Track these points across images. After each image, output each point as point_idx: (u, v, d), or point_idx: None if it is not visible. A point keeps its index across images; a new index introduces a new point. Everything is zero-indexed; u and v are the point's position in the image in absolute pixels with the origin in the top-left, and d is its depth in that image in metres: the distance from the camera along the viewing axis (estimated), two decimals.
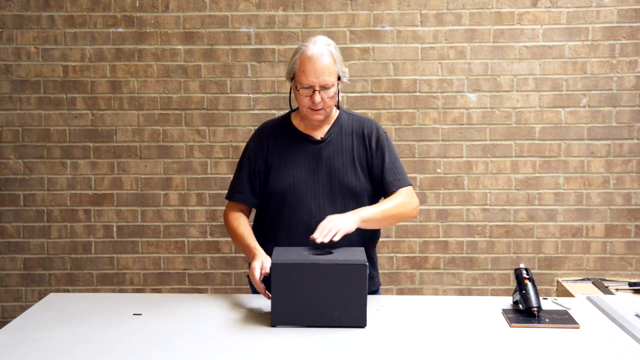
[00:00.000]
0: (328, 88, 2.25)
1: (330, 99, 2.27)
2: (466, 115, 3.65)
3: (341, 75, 2.30)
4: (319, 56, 2.23)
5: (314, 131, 2.37)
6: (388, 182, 2.34)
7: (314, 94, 2.24)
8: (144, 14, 3.63)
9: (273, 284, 1.98)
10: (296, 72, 2.26)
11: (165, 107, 3.68)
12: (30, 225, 3.72)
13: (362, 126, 2.39)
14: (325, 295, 1.97)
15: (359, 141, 2.37)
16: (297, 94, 2.28)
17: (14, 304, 3.76)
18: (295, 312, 1.98)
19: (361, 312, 1.98)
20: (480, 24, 3.61)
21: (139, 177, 3.71)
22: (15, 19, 3.63)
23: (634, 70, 3.60)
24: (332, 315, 1.97)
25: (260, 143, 2.40)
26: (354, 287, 1.97)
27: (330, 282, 1.96)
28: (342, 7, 3.62)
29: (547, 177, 3.66)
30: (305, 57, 2.24)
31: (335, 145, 2.35)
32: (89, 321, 2.06)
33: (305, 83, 2.23)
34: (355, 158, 2.34)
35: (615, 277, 3.59)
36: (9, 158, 3.70)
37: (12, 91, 3.67)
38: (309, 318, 1.98)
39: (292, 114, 2.44)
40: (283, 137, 2.39)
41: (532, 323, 2.03)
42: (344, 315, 1.97)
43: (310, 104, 2.26)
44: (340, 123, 2.39)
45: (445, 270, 3.71)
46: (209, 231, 3.72)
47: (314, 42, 2.26)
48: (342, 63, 2.31)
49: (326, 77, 2.23)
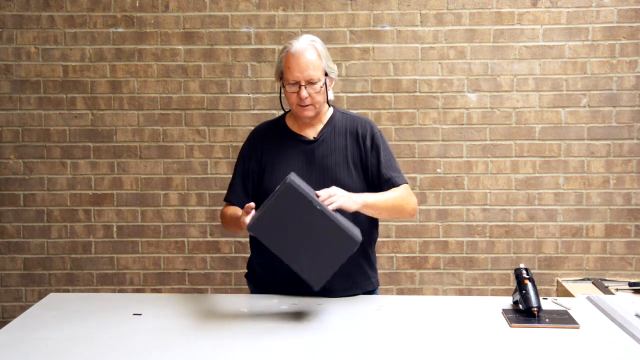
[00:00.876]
0: (314, 83, 2.26)
1: (317, 94, 2.28)
2: (466, 115, 3.65)
3: (328, 71, 2.31)
4: (303, 51, 2.26)
5: (307, 131, 2.38)
6: (385, 179, 2.34)
7: (300, 89, 2.25)
8: (144, 14, 3.63)
9: (277, 198, 1.94)
10: (283, 70, 2.29)
11: (165, 107, 3.68)
12: (30, 225, 3.72)
13: (356, 125, 2.39)
14: (307, 241, 1.95)
15: (352, 140, 2.37)
16: (286, 92, 2.31)
17: (14, 304, 3.76)
18: (273, 233, 1.96)
19: (323, 276, 1.96)
20: (480, 24, 3.61)
21: (139, 177, 3.71)
22: (15, 19, 3.63)
23: (634, 70, 3.60)
24: (299, 260, 1.96)
25: (254, 145, 2.42)
26: (335, 253, 1.95)
27: (320, 235, 1.94)
28: (342, 7, 3.62)
29: (547, 177, 3.66)
30: (289, 54, 2.27)
31: (328, 144, 2.35)
32: (89, 321, 2.06)
33: (291, 79, 2.26)
34: (349, 157, 2.34)
35: (615, 277, 3.59)
36: (9, 158, 3.70)
37: (12, 91, 3.67)
38: (279, 248, 1.96)
39: (287, 115, 2.46)
40: (276, 138, 2.40)
41: (532, 323, 2.03)
42: (309, 268, 1.96)
43: (298, 100, 2.28)
44: (333, 122, 2.39)
45: (445, 270, 3.71)
46: (209, 231, 3.72)
47: (298, 39, 2.30)
48: (329, 59, 2.32)
49: (310, 72, 2.25)
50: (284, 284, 2.33)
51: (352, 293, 2.36)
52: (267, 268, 2.38)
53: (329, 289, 2.30)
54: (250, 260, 2.51)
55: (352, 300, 2.30)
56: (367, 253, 2.40)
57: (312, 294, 2.29)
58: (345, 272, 2.31)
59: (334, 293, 2.32)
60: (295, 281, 2.23)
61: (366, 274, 2.41)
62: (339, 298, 2.31)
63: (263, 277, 2.42)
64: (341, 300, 2.29)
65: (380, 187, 2.37)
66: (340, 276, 2.31)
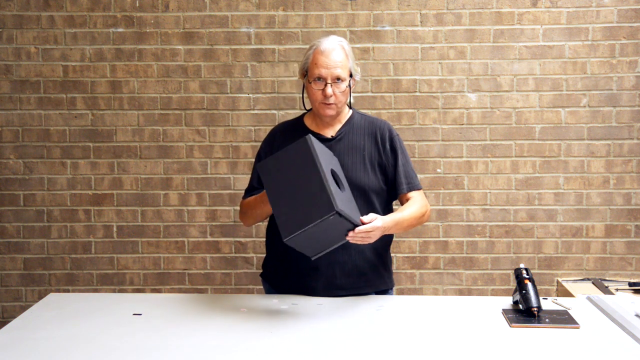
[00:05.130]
0: (340, 82, 2.28)
1: (341, 94, 2.30)
2: (466, 115, 3.65)
3: (353, 73, 2.34)
4: (332, 50, 2.29)
5: (325, 130, 2.40)
6: (399, 183, 2.38)
7: (326, 86, 2.27)
8: (144, 14, 3.63)
9: (290, 147, 2.05)
10: (309, 66, 2.31)
11: (165, 107, 3.68)
12: (30, 225, 3.72)
13: (375, 127, 2.41)
14: (296, 193, 1.99)
15: (371, 142, 2.38)
16: (310, 88, 2.32)
17: (14, 304, 3.76)
18: (274, 175, 2.04)
19: (293, 229, 1.94)
20: (480, 24, 3.61)
21: (139, 177, 3.71)
22: (15, 19, 3.63)
23: (634, 70, 3.60)
24: (282, 205, 1.99)
25: (272, 144, 2.44)
26: (313, 212, 1.95)
27: (309, 191, 1.97)
28: (342, 7, 3.62)
29: (547, 177, 3.66)
30: (318, 51, 2.29)
31: (346, 143, 2.37)
32: (89, 321, 2.06)
33: (318, 75, 2.28)
34: (366, 157, 2.36)
35: (615, 277, 3.59)
36: (9, 158, 3.70)
37: (12, 91, 3.67)
38: (272, 189, 2.03)
39: (305, 115, 2.47)
40: (295, 136, 2.40)
41: (532, 323, 2.03)
42: (286, 216, 1.97)
43: (322, 98, 2.29)
44: (352, 123, 2.42)
45: (445, 270, 3.71)
46: (209, 231, 3.72)
47: (326, 38, 2.34)
48: (354, 61, 2.36)
49: (338, 70, 2.28)
50: (299, 282, 2.34)
51: (364, 292, 2.38)
52: (280, 266, 2.40)
53: (342, 286, 2.33)
54: (265, 259, 2.53)
55: (352, 300, 2.30)
56: (380, 253, 2.42)
57: (325, 293, 2.31)
58: (359, 271, 2.34)
59: (347, 290, 2.34)
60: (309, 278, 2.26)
61: (379, 273, 2.42)
62: (340, 298, 2.32)
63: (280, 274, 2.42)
64: (341, 300, 2.29)
65: (394, 190, 2.39)
66: (353, 274, 2.34)
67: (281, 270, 2.41)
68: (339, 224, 1.99)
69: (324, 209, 1.94)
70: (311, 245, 2.03)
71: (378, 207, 2.36)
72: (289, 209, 1.99)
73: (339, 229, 2.02)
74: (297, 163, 2.02)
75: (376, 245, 2.33)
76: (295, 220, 1.96)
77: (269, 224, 2.48)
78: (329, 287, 2.33)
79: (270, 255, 2.50)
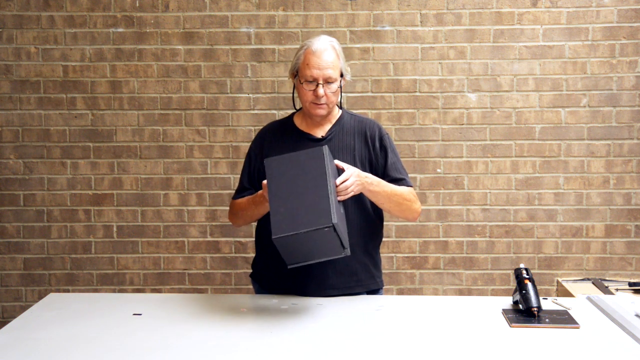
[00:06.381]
0: (331, 82, 2.29)
1: (332, 94, 2.31)
2: (466, 115, 3.65)
3: (344, 73, 2.34)
4: (323, 51, 2.29)
5: (315, 130, 2.39)
6: (390, 180, 2.36)
7: (317, 87, 2.27)
8: (144, 14, 3.63)
9: (304, 152, 2.08)
10: (300, 66, 2.31)
11: (165, 107, 3.68)
12: (30, 225, 3.72)
13: (365, 127, 2.41)
14: (298, 197, 2.01)
15: (361, 141, 2.38)
16: (301, 88, 2.32)
17: (14, 304, 3.76)
18: (279, 173, 2.06)
19: (285, 230, 1.96)
20: (480, 24, 3.61)
21: (139, 177, 3.71)
22: (15, 19, 3.63)
23: (634, 70, 3.60)
24: (280, 205, 2.00)
25: (261, 144, 2.44)
26: (309, 219, 1.96)
27: (311, 197, 1.99)
28: (342, 7, 3.62)
29: (547, 177, 3.66)
30: (309, 52, 2.29)
31: (336, 143, 2.36)
32: (89, 321, 2.06)
33: (309, 76, 2.28)
34: (357, 156, 2.36)
35: (615, 277, 3.59)
36: (9, 158, 3.70)
37: (12, 91, 3.67)
38: (274, 186, 2.05)
39: (295, 114, 2.46)
40: (284, 136, 2.41)
41: (532, 323, 2.03)
42: (281, 217, 1.98)
43: (314, 98, 2.29)
44: (342, 123, 2.41)
45: (445, 270, 3.71)
46: (209, 231, 3.72)
47: (317, 39, 2.33)
48: (345, 61, 2.36)
49: (330, 71, 2.28)
50: (290, 281, 2.34)
51: (355, 292, 2.37)
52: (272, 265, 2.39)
53: (333, 285, 2.33)
54: (255, 260, 2.52)
55: (352, 300, 2.30)
56: (371, 253, 2.42)
57: (317, 292, 2.31)
58: (350, 270, 2.34)
59: (339, 290, 2.33)
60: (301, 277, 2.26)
61: (370, 273, 2.42)
62: (340, 297, 2.32)
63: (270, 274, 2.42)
64: (341, 300, 2.29)
65: None
66: (345, 274, 2.34)
67: (272, 270, 2.39)
68: (328, 240, 1.98)
69: (321, 219, 1.95)
70: (295, 251, 2.02)
71: (369, 206, 2.37)
72: (286, 209, 1.99)
73: (325, 245, 2.01)
74: (306, 169, 2.04)
75: (367, 245, 2.34)
76: (289, 222, 1.96)
77: (259, 225, 2.46)
78: (321, 287, 2.32)
79: (260, 255, 2.49)
